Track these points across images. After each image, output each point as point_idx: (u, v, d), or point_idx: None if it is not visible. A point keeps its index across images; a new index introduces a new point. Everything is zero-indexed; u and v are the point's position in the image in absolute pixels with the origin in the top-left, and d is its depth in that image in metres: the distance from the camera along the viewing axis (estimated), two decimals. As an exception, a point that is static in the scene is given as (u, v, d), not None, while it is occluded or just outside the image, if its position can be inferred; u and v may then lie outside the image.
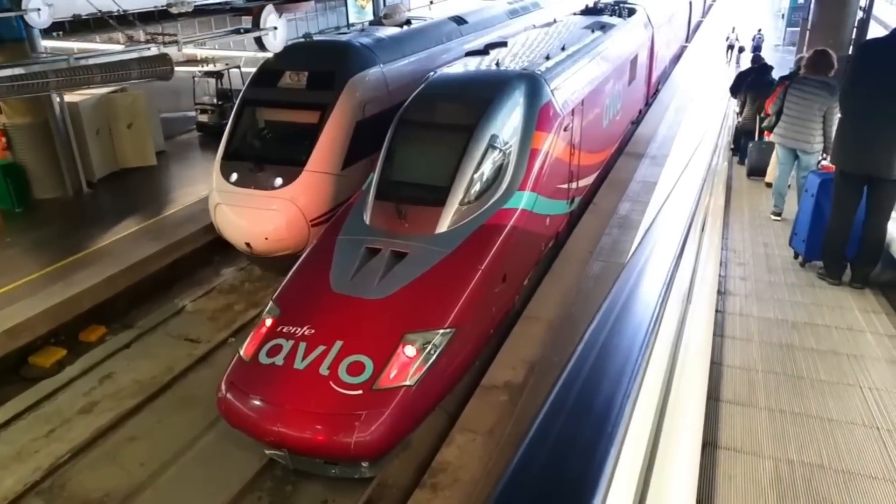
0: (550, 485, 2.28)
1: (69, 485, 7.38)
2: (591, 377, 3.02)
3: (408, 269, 7.65)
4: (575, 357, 3.19)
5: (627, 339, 3.50)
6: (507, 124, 9.07)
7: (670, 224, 6.19)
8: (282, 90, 11.63)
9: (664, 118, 18.29)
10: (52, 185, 14.53)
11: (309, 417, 6.35)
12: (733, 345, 6.37)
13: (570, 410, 2.77)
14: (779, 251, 8.48)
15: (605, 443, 2.47)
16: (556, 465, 2.39)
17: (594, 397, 2.83)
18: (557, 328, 8.56)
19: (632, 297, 4.10)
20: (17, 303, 9.95)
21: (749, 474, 4.70)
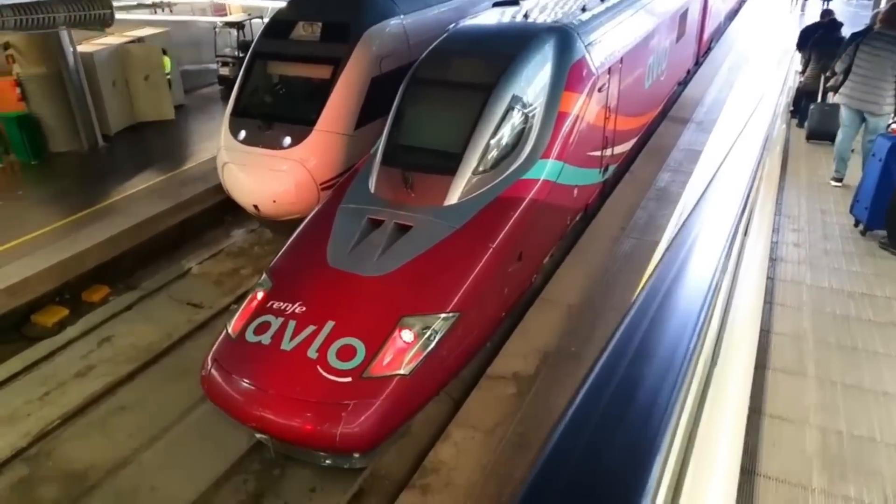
0: (604, 449, 2.44)
1: (55, 453, 7.12)
2: (644, 345, 3.25)
3: (410, 245, 6.97)
4: (627, 322, 3.37)
5: (680, 313, 3.63)
6: (531, 84, 8.21)
7: (725, 196, 6.21)
8: (293, 42, 10.91)
9: (715, 80, 16.98)
10: (67, 138, 14.22)
11: (293, 405, 5.81)
12: (783, 312, 6.22)
13: (623, 376, 2.89)
14: (837, 218, 8.00)
15: (658, 414, 2.63)
16: (610, 431, 2.55)
17: (648, 364, 3.04)
18: (577, 315, 7.83)
19: (683, 271, 4.31)
20: (21, 259, 9.66)
21: (794, 443, 4.70)
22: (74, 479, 6.73)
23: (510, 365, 7.06)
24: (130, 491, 6.57)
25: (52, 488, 6.64)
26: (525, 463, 5.76)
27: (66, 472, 6.81)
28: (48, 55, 13.56)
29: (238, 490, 6.55)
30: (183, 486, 6.50)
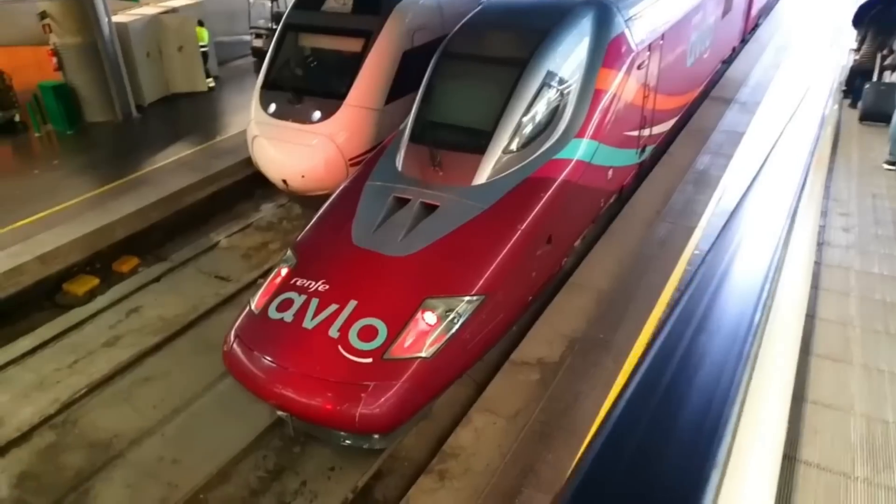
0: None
1: (81, 422, 7.20)
2: (699, 334, 3.34)
3: (436, 225, 6.80)
4: (680, 310, 3.47)
5: (735, 303, 3.75)
6: (567, 60, 7.92)
7: (778, 181, 6.05)
8: (325, 14, 10.73)
9: (761, 59, 16.33)
10: (101, 108, 14.35)
11: (313, 383, 5.73)
12: (828, 298, 6.10)
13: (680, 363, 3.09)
14: (890, 203, 7.72)
15: (718, 404, 2.79)
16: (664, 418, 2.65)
17: (704, 353, 3.16)
18: (607, 301, 7.63)
19: (736, 259, 4.44)
20: (55, 228, 9.77)
21: (837, 430, 4.64)
22: (99, 448, 6.80)
23: (535, 350, 6.90)
24: (153, 462, 6.62)
25: (76, 456, 6.73)
26: (547, 451, 5.63)
27: (91, 441, 6.89)
28: (84, 24, 13.63)
29: (258, 466, 6.55)
30: (204, 460, 6.51)
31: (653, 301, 7.57)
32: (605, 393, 6.22)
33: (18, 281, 8.78)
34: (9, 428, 7.06)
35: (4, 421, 7.16)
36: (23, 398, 7.48)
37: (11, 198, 10.76)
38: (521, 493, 5.24)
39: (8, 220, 9.91)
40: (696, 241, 8.72)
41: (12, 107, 14.19)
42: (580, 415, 5.98)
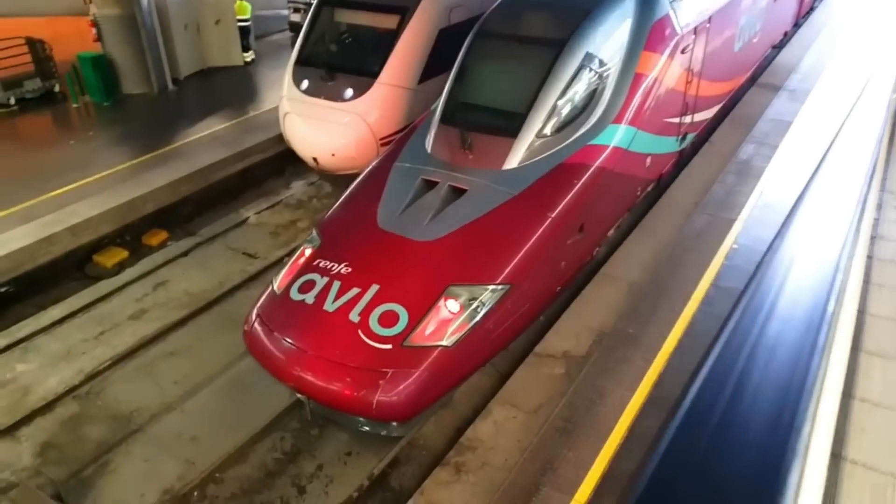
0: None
1: (104, 394, 7.25)
2: (771, 328, 3.39)
3: (464, 210, 6.61)
4: (744, 306, 3.50)
5: (805, 298, 3.71)
6: (607, 41, 7.61)
7: (842, 173, 5.86)
8: None
9: (813, 45, 15.63)
10: (138, 80, 14.40)
11: (331, 367, 5.63)
12: (881, 293, 5.92)
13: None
14: None
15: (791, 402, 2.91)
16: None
17: (775, 351, 3.21)
18: (638, 294, 7.38)
19: (805, 255, 4.49)
20: (86, 200, 9.83)
21: (885, 429, 4.52)
22: (120, 421, 6.84)
23: (561, 343, 6.71)
24: (172, 438, 6.63)
25: (98, 428, 6.77)
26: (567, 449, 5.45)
27: (113, 414, 6.93)
28: (124, -5, 13.64)
29: (274, 447, 6.50)
30: (222, 438, 6.49)
31: (686, 296, 7.30)
32: (632, 391, 6.01)
33: (50, 251, 8.86)
34: (35, 396, 7.14)
35: (31, 389, 7.24)
36: (49, 367, 7.55)
37: (47, 168, 10.87)
38: (539, 492, 5.08)
39: (42, 190, 10.01)
40: (736, 235, 8.38)
41: (52, 77, 14.36)
42: (604, 413, 5.79)
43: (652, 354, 6.48)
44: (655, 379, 6.17)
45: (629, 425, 5.67)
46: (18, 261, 8.54)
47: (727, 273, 7.70)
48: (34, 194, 9.89)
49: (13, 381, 7.36)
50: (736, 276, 7.62)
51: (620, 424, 5.68)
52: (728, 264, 7.87)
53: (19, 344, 7.84)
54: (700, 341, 6.65)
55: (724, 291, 7.37)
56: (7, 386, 7.29)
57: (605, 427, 5.65)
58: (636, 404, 5.87)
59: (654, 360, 6.40)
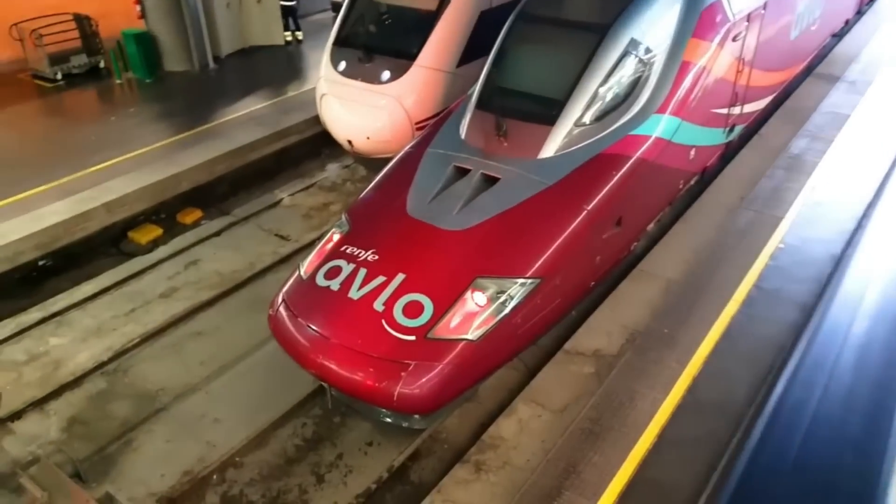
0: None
1: (132, 371, 7.29)
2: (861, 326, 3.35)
3: (495, 199, 6.41)
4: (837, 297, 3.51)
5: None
6: (654, 27, 7.27)
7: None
8: None
9: (877, 34, 14.83)
10: (180, 57, 14.48)
11: (354, 357, 5.52)
12: None
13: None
14: None
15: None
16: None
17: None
18: (676, 292, 7.10)
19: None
20: (123, 177, 9.91)
21: None
22: (145, 400, 6.87)
23: (592, 341, 6.48)
24: (195, 419, 6.63)
25: (123, 405, 6.81)
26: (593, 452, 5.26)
27: (139, 392, 6.97)
28: (168, -28, 13.69)
29: (295, 433, 6.45)
30: (244, 422, 6.46)
31: (726, 297, 6.99)
32: (664, 394, 5.77)
33: (86, 227, 8.96)
34: (65, 371, 7.23)
35: (62, 363, 7.33)
36: (80, 342, 7.64)
37: (87, 144, 11.01)
38: (560, 496, 4.91)
39: (81, 166, 10.13)
40: (782, 234, 7.99)
41: (97, 53, 14.55)
42: (634, 416, 5.56)
43: (687, 357, 6.21)
44: (689, 383, 5.90)
45: (659, 430, 5.43)
46: (54, 235, 8.66)
47: (771, 274, 7.35)
48: (73, 170, 10.03)
49: (46, 354, 7.47)
50: (780, 278, 7.26)
51: (650, 429, 5.44)
52: (772, 265, 7.51)
53: (53, 318, 7.95)
54: (739, 345, 6.36)
55: (767, 293, 7.03)
56: (40, 359, 7.40)
57: (634, 431, 5.42)
58: (668, 408, 5.64)
59: (689, 363, 6.14)
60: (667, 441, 5.37)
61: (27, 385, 7.04)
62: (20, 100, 13.11)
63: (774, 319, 6.71)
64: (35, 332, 7.76)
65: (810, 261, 7.57)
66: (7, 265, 8.25)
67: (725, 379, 5.97)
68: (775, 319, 6.71)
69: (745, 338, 6.47)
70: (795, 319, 6.70)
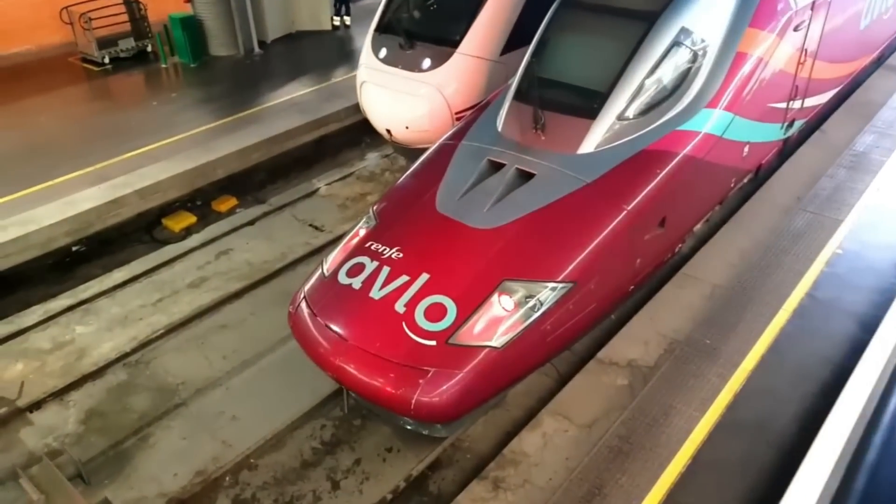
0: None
1: (154, 363, 7.23)
2: None
3: (530, 196, 6.05)
4: None
5: None
6: (707, 16, 6.77)
7: None
8: None
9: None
10: (226, 42, 14.47)
11: (371, 360, 5.27)
12: None
13: None
14: None
15: None
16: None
17: None
18: (722, 299, 6.62)
19: None
20: (157, 163, 9.87)
21: None
22: (165, 393, 6.80)
23: (627, 350, 6.09)
24: (212, 416, 6.51)
25: (143, 398, 6.75)
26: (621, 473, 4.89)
27: (160, 385, 6.90)
28: (216, -43, 13.65)
29: (314, 435, 6.26)
30: (262, 421, 6.32)
31: (776, 306, 6.49)
32: (702, 412, 5.35)
33: (119, 213, 8.95)
34: (88, 361, 7.21)
35: (86, 353, 7.33)
36: (106, 332, 7.62)
37: (126, 129, 11.04)
38: (583, 521, 4.58)
39: (117, 152, 10.14)
40: (840, 239, 7.41)
41: (145, 37, 14.64)
42: (668, 435, 5.16)
43: (729, 371, 5.77)
44: (730, 400, 5.47)
45: (694, 452, 5.03)
46: (87, 221, 8.66)
47: (826, 282, 6.80)
48: (110, 155, 10.05)
49: (71, 342, 7.47)
50: (837, 286, 6.71)
51: (684, 450, 5.04)
52: (828, 272, 6.96)
53: (81, 305, 7.95)
54: (787, 359, 5.88)
55: (821, 304, 6.50)
56: (65, 347, 7.40)
57: (667, 451, 5.03)
58: (704, 428, 5.22)
59: (731, 378, 5.69)
60: (702, 464, 4.96)
61: (49, 374, 7.04)
62: (67, 83, 13.27)
63: (828, 333, 6.19)
64: (62, 319, 7.77)
65: (871, 268, 6.99)
66: (38, 251, 8.28)
67: (770, 397, 5.51)
68: (829, 333, 6.19)
69: (795, 352, 5.97)
70: (853, 333, 6.17)
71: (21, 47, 14.76)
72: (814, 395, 5.54)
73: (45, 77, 13.57)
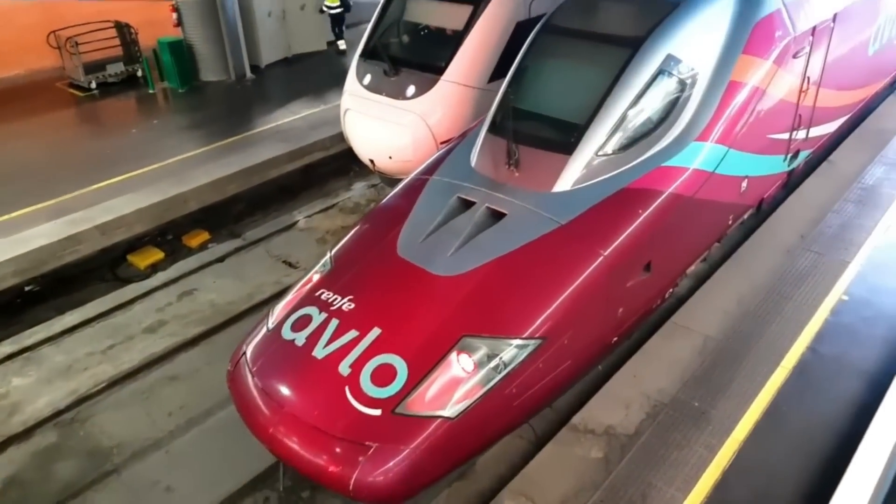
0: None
1: (89, 422, 6.64)
2: None
3: (498, 239, 5.47)
4: None
5: None
6: (695, 42, 6.22)
7: None
8: None
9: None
10: (216, 67, 14.17)
11: (307, 432, 4.69)
12: None
13: None
14: None
15: None
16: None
17: None
18: (714, 353, 5.98)
19: None
20: (126, 195, 9.42)
21: None
22: (97, 458, 6.21)
23: (606, 414, 5.45)
24: (146, 486, 5.90)
25: (71, 465, 6.15)
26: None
27: (92, 448, 6.32)
28: (205, -21, 13.36)
29: (255, 509, 5.65)
30: (200, 492, 5.73)
31: (774, 362, 5.83)
32: (685, 492, 4.69)
33: (77, 250, 8.49)
34: (18, 419, 6.66)
35: (18, 409, 6.78)
36: (45, 384, 7.08)
37: (100, 157, 10.63)
38: None
39: (87, 182, 9.71)
40: (847, 284, 6.74)
41: (135, 61, 14.36)
42: (644, 521, 4.52)
43: (718, 441, 5.11)
44: (717, 477, 4.81)
45: (674, 544, 4.39)
46: (38, 260, 8.17)
47: (830, 333, 6.14)
48: (78, 186, 9.62)
49: (4, 396, 6.93)
50: (842, 339, 6.06)
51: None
52: (833, 321, 6.30)
53: (24, 353, 7.43)
54: (785, 426, 5.22)
55: (824, 359, 5.84)
56: (-4, 403, 6.92)
57: (643, 542, 4.40)
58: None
59: (721, 449, 5.04)
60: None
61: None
62: (49, 109, 12.96)
63: (832, 394, 5.53)
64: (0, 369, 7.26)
65: (879, 317, 6.33)
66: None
67: (764, 474, 4.85)
68: (833, 394, 5.53)
69: (794, 418, 5.31)
70: (860, 395, 5.50)
71: (10, 71, 14.53)
72: (815, 472, 4.87)
73: (30, 102, 13.30)
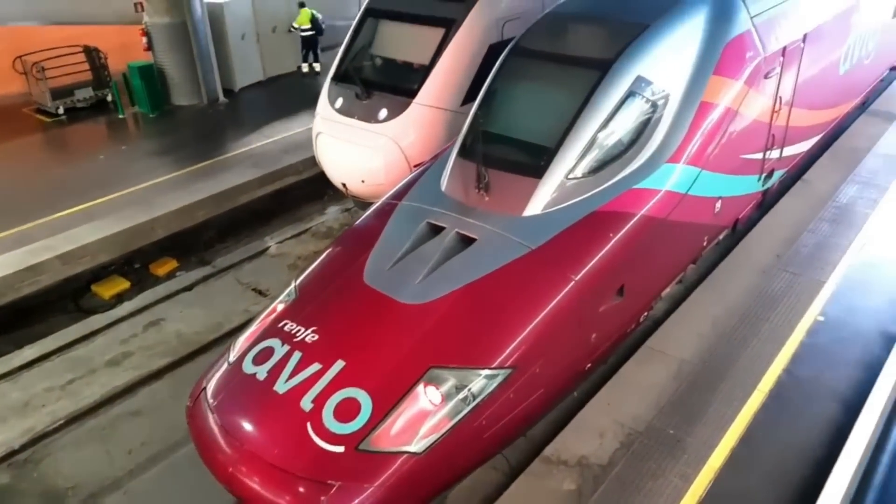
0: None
1: (45, 462, 6.40)
2: None
3: (467, 265, 5.32)
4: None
5: None
6: (665, 64, 6.16)
7: None
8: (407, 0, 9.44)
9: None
10: (188, 91, 13.99)
11: (267, 471, 4.47)
12: None
13: None
14: None
15: None
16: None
17: None
18: (689, 378, 5.85)
19: None
20: (90, 223, 9.17)
21: None
22: (51, 502, 5.94)
23: (579, 444, 5.29)
24: (100, 531, 5.66)
25: (21, 510, 5.92)
26: None
27: (46, 490, 6.06)
28: (175, 4, 13.22)
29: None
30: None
31: (750, 386, 5.72)
32: (661, 526, 4.53)
33: (37, 280, 8.23)
34: (-27, 460, 6.41)
35: (-28, 449, 6.51)
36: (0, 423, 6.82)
37: (66, 184, 10.40)
38: None
39: (50, 210, 9.46)
40: (822, 304, 6.67)
41: (105, 86, 14.13)
42: (618, 558, 4.35)
43: (694, 469, 4.96)
44: (694, 509, 4.66)
45: (649, 582, 4.21)
46: (-6, 292, 7.92)
47: (806, 355, 6.05)
48: (42, 214, 9.36)
49: (-42, 437, 6.66)
50: (817, 361, 5.96)
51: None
52: (808, 342, 6.20)
53: (-23, 390, 7.17)
54: (762, 452, 5.08)
55: (800, 382, 5.74)
56: (-51, 445, 6.60)
57: (618, 580, 4.22)
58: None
59: (696, 478, 4.89)
60: None
61: (-80, 482, 6.23)
62: (14, 135, 12.67)
63: (808, 418, 5.41)
64: (-46, 409, 6.98)
65: (854, 338, 6.25)
66: (-65, 325, 7.56)
67: (741, 502, 4.70)
68: (809, 418, 5.41)
69: (770, 443, 5.18)
70: (835, 417, 5.39)
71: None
72: (791, 499, 4.73)
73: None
